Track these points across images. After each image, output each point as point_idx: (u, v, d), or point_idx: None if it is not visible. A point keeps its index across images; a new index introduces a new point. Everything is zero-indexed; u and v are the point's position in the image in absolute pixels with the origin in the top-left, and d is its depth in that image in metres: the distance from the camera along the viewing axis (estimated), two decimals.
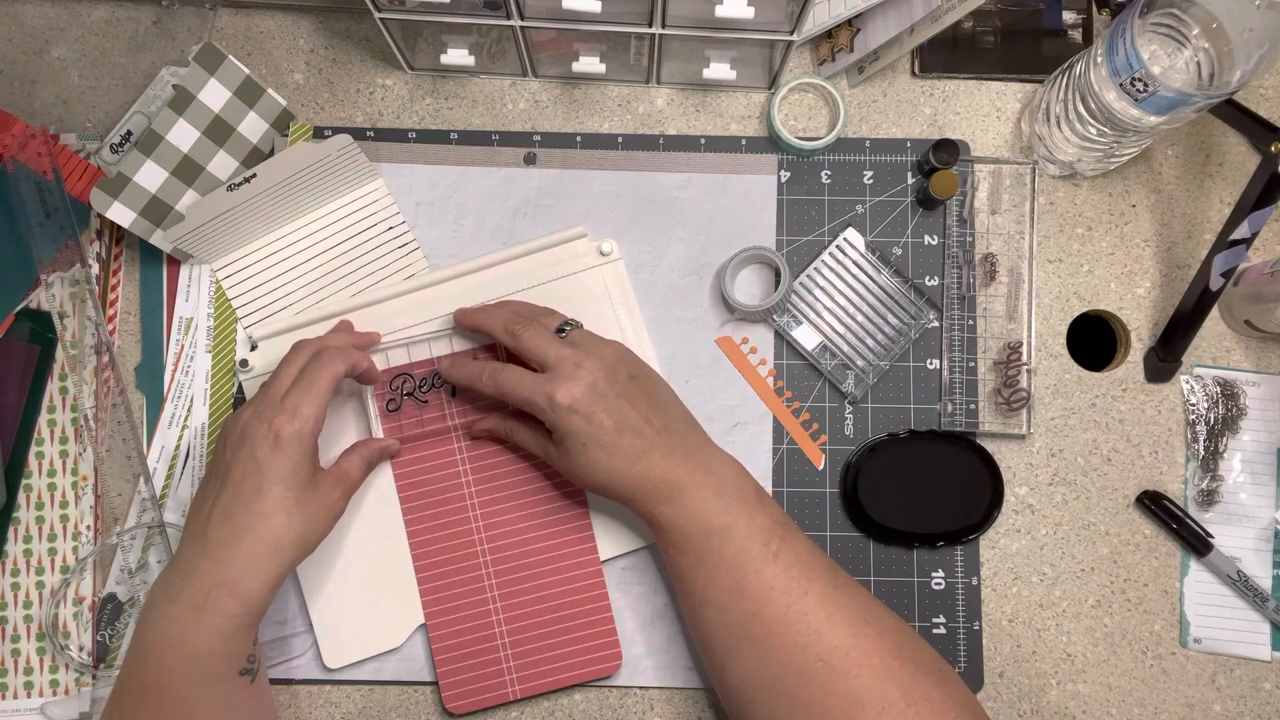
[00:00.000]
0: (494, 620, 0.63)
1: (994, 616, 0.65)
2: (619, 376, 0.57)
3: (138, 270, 0.68)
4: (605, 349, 0.59)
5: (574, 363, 0.57)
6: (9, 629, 0.64)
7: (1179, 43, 0.59)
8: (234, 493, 0.55)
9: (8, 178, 0.66)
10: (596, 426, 0.56)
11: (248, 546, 0.54)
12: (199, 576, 0.53)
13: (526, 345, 0.59)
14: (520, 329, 0.60)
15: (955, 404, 0.66)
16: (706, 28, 0.61)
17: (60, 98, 0.70)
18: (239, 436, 0.56)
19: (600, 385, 0.57)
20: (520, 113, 0.70)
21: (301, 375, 0.58)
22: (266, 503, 0.54)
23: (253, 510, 0.54)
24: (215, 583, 0.53)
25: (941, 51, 0.70)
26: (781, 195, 0.69)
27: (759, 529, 0.55)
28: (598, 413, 0.56)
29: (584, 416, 0.56)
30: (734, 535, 0.55)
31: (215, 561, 0.53)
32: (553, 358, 0.58)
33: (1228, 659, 0.64)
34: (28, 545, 0.65)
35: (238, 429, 0.56)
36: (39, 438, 0.66)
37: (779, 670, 0.52)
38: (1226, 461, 0.66)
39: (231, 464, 0.55)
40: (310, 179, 0.65)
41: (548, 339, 0.59)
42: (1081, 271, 0.68)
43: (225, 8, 0.71)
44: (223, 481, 0.55)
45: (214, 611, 0.53)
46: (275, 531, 0.54)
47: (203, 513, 0.55)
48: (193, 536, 0.55)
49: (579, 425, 0.56)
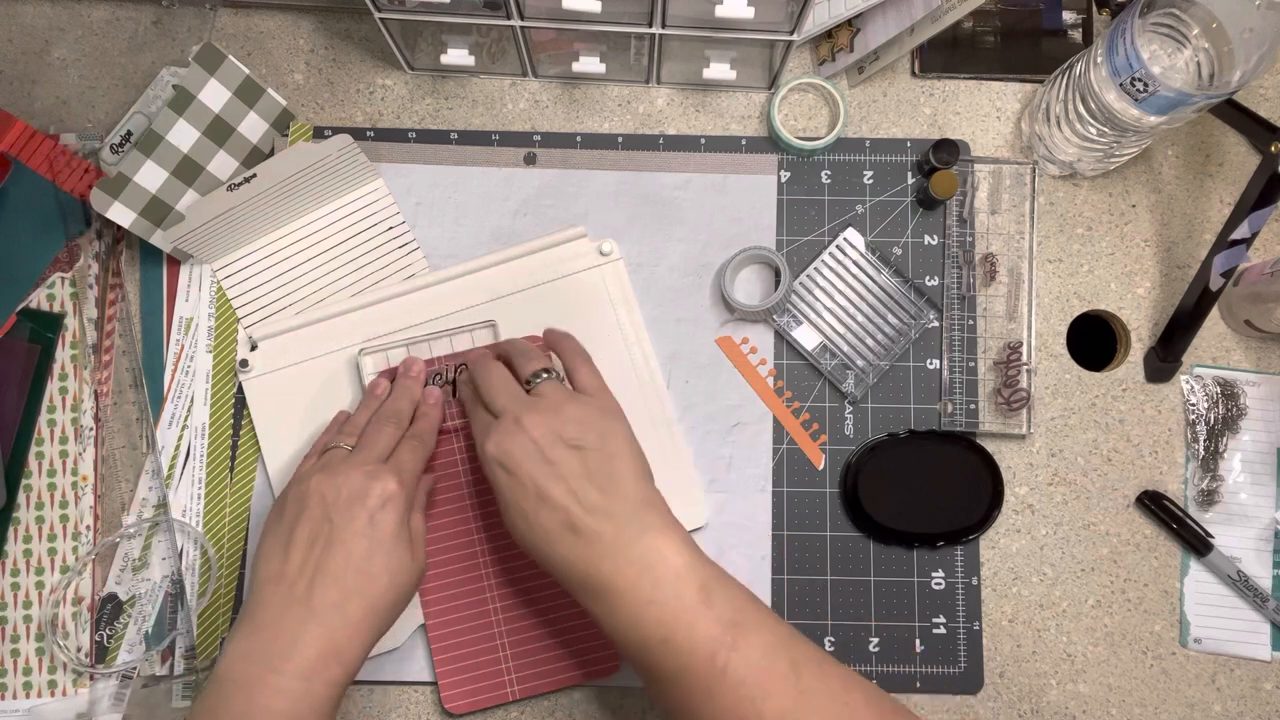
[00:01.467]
0: (494, 620, 0.63)
1: (994, 616, 0.65)
2: (560, 441, 0.52)
3: (138, 270, 0.68)
4: (567, 408, 0.54)
5: (515, 416, 0.53)
6: (8, 629, 0.64)
7: (1179, 43, 0.59)
8: (344, 554, 0.52)
9: (8, 178, 0.66)
10: (518, 490, 0.52)
11: (355, 611, 0.51)
12: (307, 643, 0.50)
13: (482, 386, 0.56)
14: (482, 369, 0.57)
15: (955, 404, 0.66)
16: (706, 28, 0.61)
17: (60, 98, 0.70)
18: (349, 497, 0.53)
19: (534, 445, 0.52)
20: (520, 113, 0.70)
21: (411, 433, 0.58)
22: (375, 565, 0.52)
23: (364, 572, 0.52)
24: (325, 650, 0.50)
25: (941, 51, 0.70)
26: (781, 195, 0.69)
27: (702, 640, 0.48)
28: (521, 474, 0.52)
29: (508, 474, 0.52)
30: (672, 650, 0.48)
31: (324, 627, 0.50)
32: (499, 405, 0.55)
33: (1228, 659, 0.64)
34: (28, 545, 0.65)
35: (344, 488, 0.53)
36: (39, 438, 0.65)
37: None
38: (1226, 461, 0.66)
39: (340, 524, 0.52)
40: (310, 179, 0.65)
41: (504, 384, 0.56)
42: (1081, 271, 0.68)
43: (225, 8, 0.71)
44: (328, 543, 0.52)
45: (323, 681, 0.50)
46: (381, 594, 0.52)
47: (300, 575, 0.52)
48: (290, 600, 0.51)
49: (502, 482, 0.53)
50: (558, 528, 0.51)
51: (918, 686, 0.64)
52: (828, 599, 0.65)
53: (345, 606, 0.51)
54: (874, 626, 0.65)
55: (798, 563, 0.65)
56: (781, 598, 0.65)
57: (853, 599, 0.65)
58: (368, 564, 0.52)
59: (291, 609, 0.51)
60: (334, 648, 0.50)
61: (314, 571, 0.52)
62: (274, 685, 0.49)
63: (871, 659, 0.64)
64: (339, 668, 0.50)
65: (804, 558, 0.65)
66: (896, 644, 0.64)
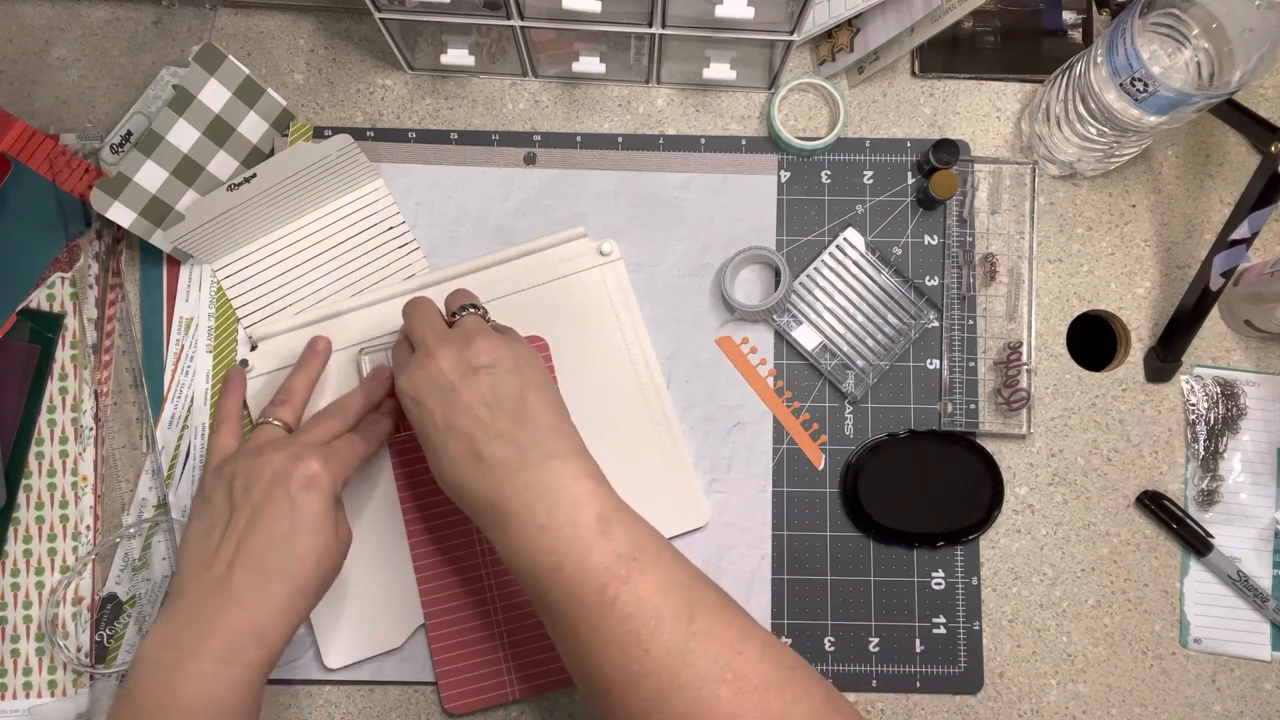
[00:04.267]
0: (493, 620, 0.63)
1: (994, 616, 0.65)
2: (469, 369, 0.51)
3: (138, 270, 0.68)
4: (479, 339, 0.53)
5: (428, 349, 0.53)
6: (8, 629, 0.64)
7: (1179, 43, 0.59)
8: (265, 536, 0.51)
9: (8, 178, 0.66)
10: (427, 422, 0.51)
11: (277, 592, 0.51)
12: (224, 627, 0.49)
13: (407, 322, 0.56)
14: (411, 305, 0.57)
15: (955, 404, 0.66)
16: (706, 28, 0.61)
17: (60, 98, 0.70)
18: (270, 478, 0.53)
19: (443, 375, 0.51)
20: (520, 113, 0.70)
21: (356, 431, 0.58)
22: (299, 547, 0.52)
23: (284, 554, 0.51)
24: (243, 633, 0.50)
25: (941, 51, 0.70)
26: (781, 195, 0.69)
27: (593, 571, 0.46)
28: (429, 405, 0.51)
29: (419, 406, 0.52)
30: (562, 579, 0.47)
31: (243, 609, 0.50)
32: (417, 338, 0.54)
33: (1228, 659, 0.64)
34: (28, 545, 0.65)
35: (266, 470, 0.53)
36: (39, 438, 0.65)
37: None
38: (1226, 461, 0.66)
39: (261, 505, 0.52)
40: (310, 179, 0.65)
41: (426, 319, 0.55)
42: (1081, 271, 0.68)
43: (225, 8, 0.71)
44: (249, 524, 0.52)
45: (242, 664, 0.49)
46: (306, 575, 0.52)
47: (219, 558, 0.52)
48: (206, 584, 0.51)
49: (414, 415, 0.52)
50: (463, 456, 0.50)
51: (918, 686, 0.64)
52: (828, 599, 0.65)
53: (266, 589, 0.51)
54: (874, 626, 0.65)
55: (798, 563, 0.65)
56: (781, 598, 0.65)
57: (853, 599, 0.65)
58: (290, 545, 0.52)
59: (211, 593, 0.51)
60: (254, 630, 0.50)
61: (234, 554, 0.51)
62: (190, 668, 0.49)
63: (871, 659, 0.64)
64: (259, 650, 0.50)
65: (804, 558, 0.65)
66: (896, 644, 0.64)
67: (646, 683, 0.45)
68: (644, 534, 0.49)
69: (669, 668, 0.45)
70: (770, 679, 0.45)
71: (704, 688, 0.44)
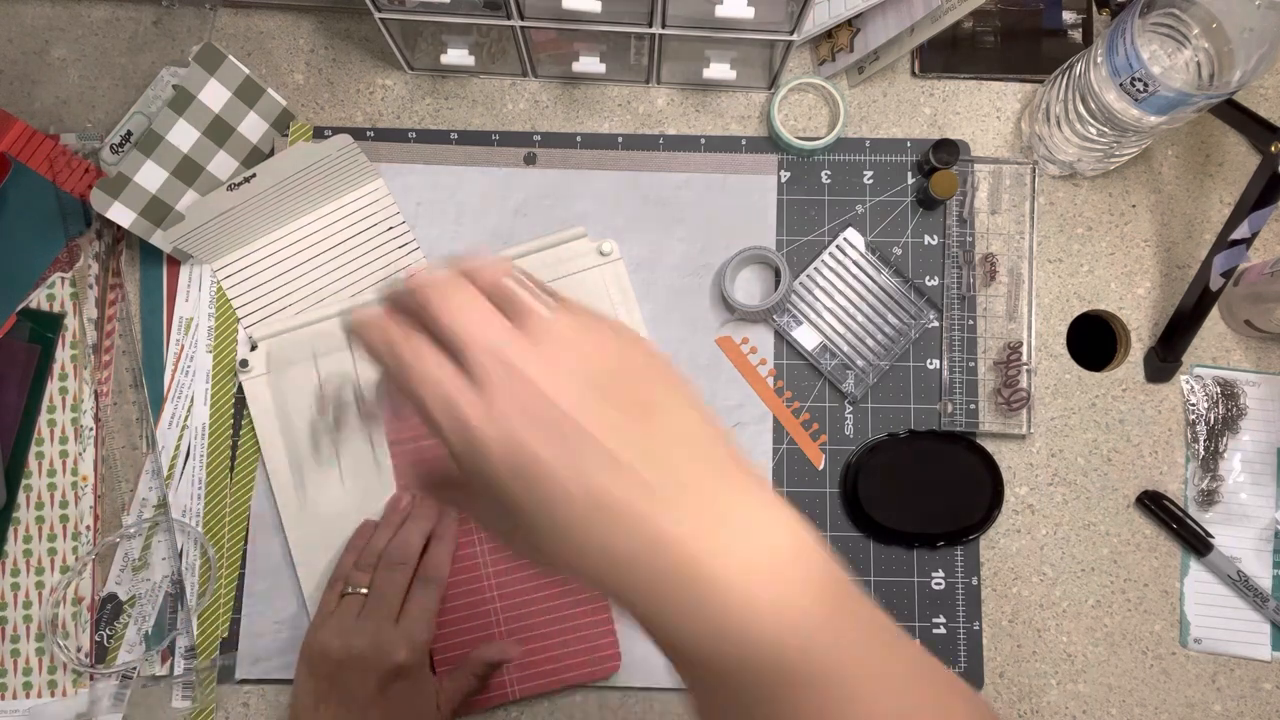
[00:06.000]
0: (494, 621, 0.63)
1: (994, 616, 0.65)
2: (594, 389, 0.32)
3: (138, 270, 0.68)
4: (592, 331, 0.35)
5: (505, 362, 0.32)
6: (8, 629, 0.64)
7: (1179, 43, 0.59)
8: None
9: (8, 178, 0.66)
10: (550, 498, 0.31)
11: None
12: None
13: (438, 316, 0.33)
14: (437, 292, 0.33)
15: (955, 404, 0.66)
16: (706, 28, 0.61)
17: (60, 98, 0.70)
18: (359, 658, 0.57)
19: (557, 408, 0.31)
20: (520, 113, 0.70)
21: (422, 574, 0.61)
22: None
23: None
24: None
25: (941, 51, 0.70)
26: (781, 195, 0.69)
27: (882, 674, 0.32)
28: (553, 467, 0.31)
29: (524, 480, 0.31)
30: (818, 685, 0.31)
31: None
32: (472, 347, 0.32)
33: (1228, 659, 0.64)
34: (28, 545, 0.65)
35: (355, 647, 0.57)
36: (39, 438, 0.65)
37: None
38: (1226, 461, 0.66)
39: (354, 689, 0.56)
40: (310, 179, 0.65)
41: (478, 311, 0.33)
42: (1081, 271, 0.68)
43: (225, 8, 0.71)
44: (343, 706, 0.56)
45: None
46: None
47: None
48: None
49: (517, 492, 0.32)
50: (624, 538, 0.31)
51: None
52: None
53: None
54: None
55: None
56: None
57: None
58: None
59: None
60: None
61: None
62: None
63: None
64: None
65: None
66: None
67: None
68: None
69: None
70: None
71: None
